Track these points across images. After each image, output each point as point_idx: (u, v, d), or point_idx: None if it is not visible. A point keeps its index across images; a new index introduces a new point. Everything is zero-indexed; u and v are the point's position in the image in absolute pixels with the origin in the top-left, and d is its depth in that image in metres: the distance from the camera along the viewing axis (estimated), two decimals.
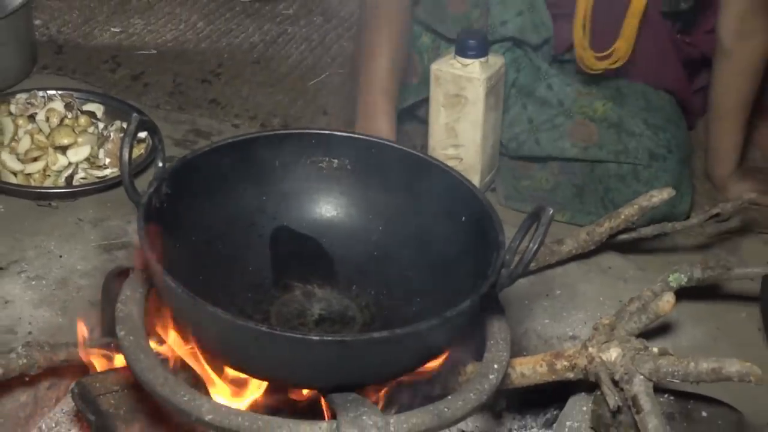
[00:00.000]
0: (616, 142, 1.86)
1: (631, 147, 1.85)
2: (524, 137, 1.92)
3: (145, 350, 1.20)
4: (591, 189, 1.88)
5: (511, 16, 1.89)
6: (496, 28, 1.90)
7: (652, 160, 1.84)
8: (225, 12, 2.72)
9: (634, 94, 1.94)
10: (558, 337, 1.60)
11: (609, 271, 1.74)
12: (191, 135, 2.10)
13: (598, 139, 1.87)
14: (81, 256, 1.66)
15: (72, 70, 2.32)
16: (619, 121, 1.87)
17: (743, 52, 1.92)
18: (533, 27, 1.91)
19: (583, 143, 1.87)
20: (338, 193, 1.47)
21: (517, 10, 1.89)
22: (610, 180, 1.86)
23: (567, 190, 1.91)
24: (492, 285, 1.21)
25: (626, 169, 1.85)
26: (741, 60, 1.93)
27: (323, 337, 1.15)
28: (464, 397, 1.18)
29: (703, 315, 1.67)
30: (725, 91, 1.97)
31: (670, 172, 1.84)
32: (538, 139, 1.91)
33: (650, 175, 1.84)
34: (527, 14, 1.89)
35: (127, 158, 1.26)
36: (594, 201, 1.89)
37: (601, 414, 1.35)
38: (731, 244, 1.90)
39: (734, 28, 1.89)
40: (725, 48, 1.92)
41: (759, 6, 1.87)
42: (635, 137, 1.85)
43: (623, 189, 1.85)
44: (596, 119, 1.88)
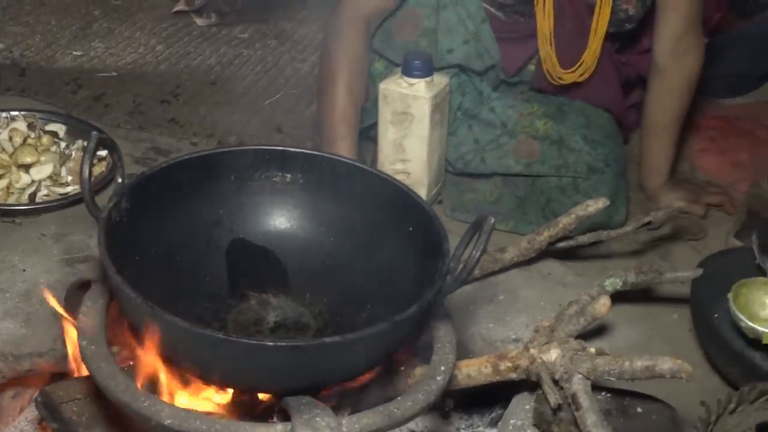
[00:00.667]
0: (557, 158, 1.87)
1: (570, 161, 1.87)
2: (471, 156, 1.93)
3: (106, 359, 1.18)
4: (533, 200, 1.90)
5: (457, 45, 1.91)
6: (442, 55, 1.91)
7: (591, 173, 1.86)
8: (183, 36, 2.71)
9: (574, 111, 1.96)
10: (502, 340, 1.60)
11: (549, 276, 1.75)
12: (151, 153, 2.09)
13: (540, 155, 1.88)
14: (44, 270, 1.64)
15: (35, 92, 2.29)
16: (560, 138, 1.89)
17: (677, 72, 1.94)
18: (478, 55, 1.92)
19: (526, 159, 1.89)
20: (291, 206, 1.46)
21: (463, 39, 1.90)
22: (552, 191, 1.88)
23: (510, 202, 1.92)
24: (438, 291, 1.22)
25: (566, 182, 1.87)
26: (675, 78, 1.95)
27: (277, 342, 1.14)
28: (413, 398, 1.18)
29: (637, 317, 1.68)
30: (659, 108, 2.00)
31: (608, 185, 1.86)
32: (483, 158, 1.92)
33: (589, 186, 1.86)
34: (473, 43, 1.91)
35: (87, 174, 1.25)
36: (535, 211, 1.90)
37: (543, 412, 1.36)
38: (663, 250, 1.92)
39: (669, 48, 1.92)
40: (660, 67, 1.95)
41: (692, 27, 1.90)
42: (575, 152, 1.87)
43: (564, 200, 1.86)
44: (538, 137, 1.89)
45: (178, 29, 2.74)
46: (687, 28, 1.90)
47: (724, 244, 1.89)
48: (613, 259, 1.87)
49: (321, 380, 1.17)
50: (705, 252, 1.85)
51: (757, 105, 2.51)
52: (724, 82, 2.53)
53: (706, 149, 2.28)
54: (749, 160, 2.25)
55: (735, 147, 2.30)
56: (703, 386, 1.55)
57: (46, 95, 2.28)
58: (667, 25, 1.90)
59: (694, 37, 1.92)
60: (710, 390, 1.54)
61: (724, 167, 2.22)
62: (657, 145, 2.03)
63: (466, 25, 1.89)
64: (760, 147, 2.30)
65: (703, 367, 1.60)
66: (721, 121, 2.41)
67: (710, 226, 2.00)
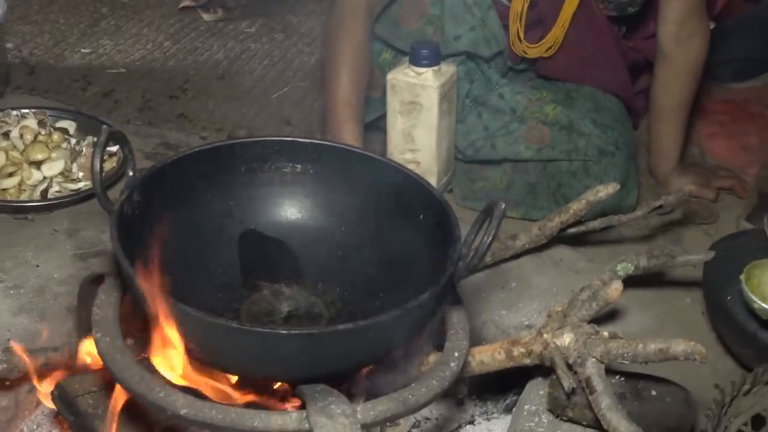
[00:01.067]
0: (567, 142, 1.87)
1: (581, 146, 1.86)
2: (481, 143, 1.93)
3: (121, 351, 1.19)
4: (543, 185, 1.89)
5: (464, 31, 1.90)
6: (449, 42, 1.90)
7: (602, 156, 1.86)
8: (190, 32, 2.71)
9: (583, 96, 1.95)
10: (514, 326, 1.60)
11: (560, 263, 1.75)
12: (161, 148, 2.09)
13: (551, 140, 1.88)
14: (57, 266, 1.64)
15: (44, 90, 2.29)
16: (569, 123, 1.88)
17: (682, 56, 1.93)
18: (485, 41, 1.91)
19: (536, 145, 1.88)
20: (302, 197, 1.47)
21: (470, 26, 1.90)
22: (562, 176, 1.87)
23: (520, 188, 1.92)
24: (450, 277, 1.22)
25: (577, 165, 1.86)
26: (680, 63, 1.94)
27: (291, 330, 1.14)
28: (427, 384, 1.19)
29: (649, 301, 1.68)
30: (666, 93, 1.99)
31: (618, 167, 1.86)
32: (494, 144, 1.91)
33: (600, 170, 1.85)
34: (479, 29, 1.90)
35: (98, 168, 1.25)
36: (546, 197, 1.89)
37: (557, 396, 1.36)
38: (674, 235, 1.91)
39: (673, 33, 1.91)
40: (665, 52, 1.94)
41: (696, 11, 1.89)
42: (585, 136, 1.87)
43: (575, 184, 1.86)
44: (548, 122, 1.89)
45: (185, 25, 2.74)
46: (690, 13, 1.89)
47: (736, 227, 1.88)
48: (624, 244, 1.86)
49: (335, 368, 1.18)
50: (716, 236, 1.84)
51: (766, 88, 2.50)
52: (732, 66, 2.52)
53: (715, 133, 2.27)
54: (758, 143, 2.24)
55: (744, 131, 2.29)
56: (717, 369, 1.55)
57: (56, 93, 2.28)
58: (671, 9, 1.89)
59: (698, 21, 1.91)
60: (724, 372, 1.53)
61: (734, 151, 2.21)
62: (665, 129, 2.02)
63: (472, 12, 1.89)
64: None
65: (717, 349, 1.59)
66: (730, 105, 2.40)
67: (721, 210, 1.99)
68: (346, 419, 1.10)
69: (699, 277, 1.67)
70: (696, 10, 1.89)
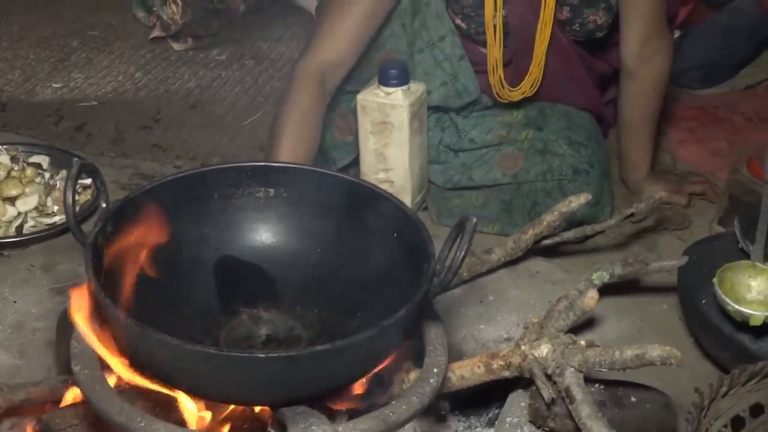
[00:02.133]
0: (541, 163, 1.89)
1: (555, 165, 1.88)
2: (458, 178, 1.96)
3: (101, 382, 1.18)
4: (518, 203, 1.90)
5: (435, 87, 1.92)
6: None
7: (576, 175, 1.87)
8: (161, 62, 2.71)
9: (556, 114, 1.98)
10: (494, 340, 1.61)
11: (537, 275, 1.76)
12: (136, 179, 2.09)
13: (524, 164, 1.89)
14: (35, 300, 1.64)
15: (17, 126, 2.29)
16: (543, 147, 1.90)
17: (647, 73, 1.95)
18: (456, 94, 1.94)
19: (511, 171, 1.90)
20: (276, 221, 1.47)
21: (441, 81, 1.92)
22: (537, 195, 1.88)
23: (495, 206, 1.93)
24: (425, 293, 1.22)
25: (552, 185, 1.87)
26: (645, 80, 1.96)
27: (269, 354, 1.14)
28: (408, 401, 1.19)
29: (626, 308, 1.69)
30: (633, 107, 2.01)
31: (593, 185, 1.87)
32: (471, 176, 1.94)
33: (575, 188, 1.86)
34: (450, 84, 1.93)
35: (71, 201, 1.26)
36: (521, 214, 1.90)
37: (538, 407, 1.36)
38: (648, 242, 1.93)
39: (636, 52, 1.93)
40: (629, 71, 1.96)
41: (657, 30, 1.91)
42: (559, 156, 1.88)
43: (549, 203, 1.86)
44: (523, 149, 1.91)
45: (155, 55, 2.75)
46: (651, 32, 1.91)
47: (709, 231, 1.90)
48: (599, 253, 1.87)
49: (315, 389, 1.18)
50: (690, 241, 1.86)
51: (732, 93, 2.53)
52: (698, 73, 2.55)
53: (685, 140, 2.30)
54: (728, 147, 2.26)
55: (713, 136, 2.31)
56: (695, 372, 1.56)
57: (28, 128, 2.28)
58: (631, 30, 1.91)
59: (659, 38, 1.93)
60: (702, 376, 1.55)
61: (705, 156, 2.24)
62: (634, 140, 2.04)
63: (443, 67, 1.92)
64: (737, 134, 2.32)
65: (694, 353, 1.60)
66: (699, 111, 2.43)
67: (694, 215, 2.01)
68: None
69: (674, 282, 1.68)
70: (657, 29, 1.91)
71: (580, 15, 1.90)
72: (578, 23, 1.91)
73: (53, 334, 1.48)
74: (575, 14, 1.89)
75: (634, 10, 1.88)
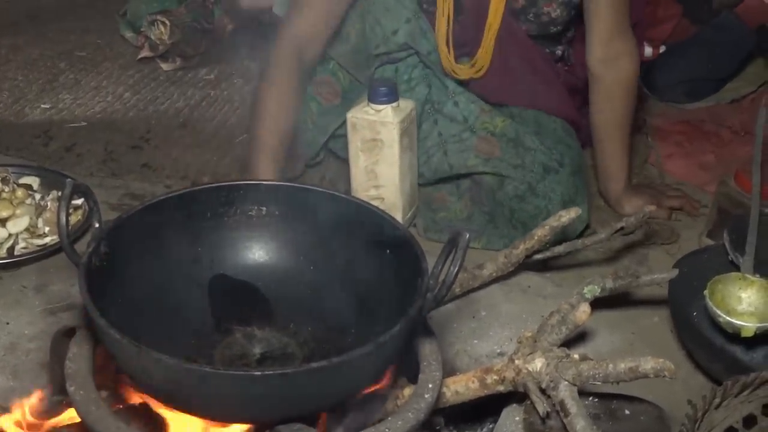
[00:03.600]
0: (515, 156, 1.89)
1: (527, 161, 1.88)
2: (434, 150, 1.96)
3: (96, 402, 1.19)
4: (499, 213, 1.91)
5: (401, 24, 1.94)
6: (389, 38, 1.94)
7: (546, 174, 1.87)
8: (150, 82, 2.72)
9: (526, 120, 1.99)
10: (487, 354, 1.61)
11: (528, 289, 1.77)
12: (126, 199, 2.09)
13: (500, 153, 1.90)
14: (27, 322, 1.63)
15: (6, 147, 2.29)
16: (516, 136, 1.90)
17: (611, 76, 1.96)
18: (421, 33, 1.95)
19: (485, 156, 1.91)
20: (269, 239, 1.48)
21: (405, 18, 1.94)
22: (512, 202, 1.89)
23: (480, 218, 1.94)
24: (419, 309, 1.23)
25: (523, 189, 1.88)
26: (610, 83, 1.97)
27: (265, 372, 1.14)
28: (403, 417, 1.19)
29: (618, 322, 1.70)
30: (601, 114, 2.01)
31: (564, 184, 1.87)
32: (446, 151, 1.94)
33: (545, 188, 1.86)
34: (414, 21, 1.94)
35: (64, 221, 1.26)
36: (504, 224, 1.91)
37: (533, 421, 1.37)
38: (638, 256, 1.93)
39: (600, 54, 1.94)
40: (594, 74, 1.97)
41: (619, 31, 1.92)
42: (530, 151, 1.89)
43: (525, 207, 1.87)
44: (497, 134, 1.91)
45: (144, 75, 2.75)
46: (614, 33, 1.92)
47: (698, 245, 1.91)
48: (590, 267, 1.88)
49: (310, 406, 1.18)
50: (679, 255, 1.86)
51: (718, 107, 2.55)
52: (684, 87, 2.58)
53: (673, 154, 2.31)
54: (715, 161, 2.28)
55: (701, 150, 2.33)
56: (688, 385, 1.57)
57: (18, 149, 2.28)
58: (594, 32, 1.93)
59: (623, 41, 1.94)
60: (695, 388, 1.55)
61: (692, 170, 2.25)
62: (607, 150, 2.04)
63: (404, 4, 1.93)
64: (724, 147, 2.34)
65: (687, 366, 1.61)
66: (686, 125, 2.45)
67: (682, 228, 2.02)
68: None
69: (665, 295, 1.69)
70: (619, 30, 1.92)
71: (534, 4, 1.92)
72: (533, 13, 1.93)
73: (47, 355, 1.47)
74: (530, 3, 1.92)
75: (596, 10, 1.90)
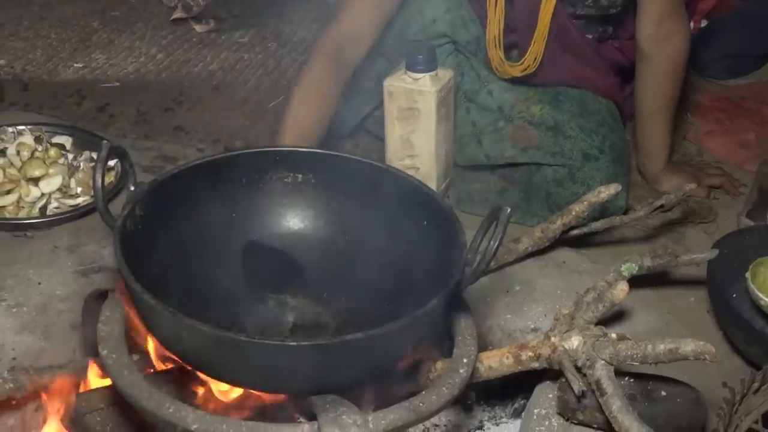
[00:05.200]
0: (553, 144, 1.86)
1: (566, 149, 1.85)
2: (467, 139, 1.93)
3: (129, 367, 1.17)
4: (534, 194, 1.89)
5: (440, 14, 1.91)
6: (427, 26, 1.91)
7: (585, 161, 1.84)
8: (183, 43, 2.70)
9: (570, 99, 1.94)
10: (520, 330, 1.60)
11: (564, 265, 1.75)
12: (158, 161, 2.08)
13: (538, 141, 1.87)
14: (59, 282, 1.63)
15: (39, 106, 2.28)
16: (555, 125, 1.87)
17: (662, 56, 1.92)
18: (462, 23, 1.92)
19: (522, 145, 1.88)
20: (304, 206, 1.46)
21: (446, 8, 1.91)
22: (549, 185, 1.86)
23: (514, 195, 1.91)
24: (457, 283, 1.21)
25: (562, 173, 1.85)
26: (660, 63, 1.93)
27: (300, 342, 1.13)
28: (437, 392, 1.18)
29: (653, 301, 1.68)
30: (648, 93, 1.98)
31: (604, 171, 1.84)
32: (480, 140, 1.91)
33: (584, 175, 1.84)
34: (455, 11, 1.91)
35: (100, 184, 1.25)
36: (539, 204, 1.89)
37: (567, 399, 1.35)
38: (675, 235, 1.91)
39: (652, 33, 1.90)
40: (645, 53, 1.93)
41: (673, 10, 1.88)
42: (570, 139, 1.86)
43: (562, 192, 1.85)
44: (534, 123, 1.88)
45: (177, 37, 2.73)
46: (666, 12, 1.88)
47: (737, 225, 1.88)
48: (626, 244, 1.86)
49: (344, 378, 1.17)
50: (717, 234, 1.84)
51: (760, 84, 2.51)
52: (725, 63, 2.53)
53: (712, 131, 2.27)
54: (756, 139, 2.24)
55: (741, 127, 2.29)
56: (724, 367, 1.55)
57: (51, 108, 2.28)
58: (647, 10, 1.88)
59: (675, 20, 1.90)
60: (731, 370, 1.53)
61: (732, 148, 2.22)
62: (651, 130, 2.01)
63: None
64: (766, 126, 2.30)
65: (723, 347, 1.59)
66: (726, 102, 2.40)
67: (721, 208, 1.99)
68: (358, 429, 1.09)
69: (701, 275, 1.67)
70: (673, 9, 1.88)
71: None
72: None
73: (78, 317, 1.47)
74: None
75: None
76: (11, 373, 1.34)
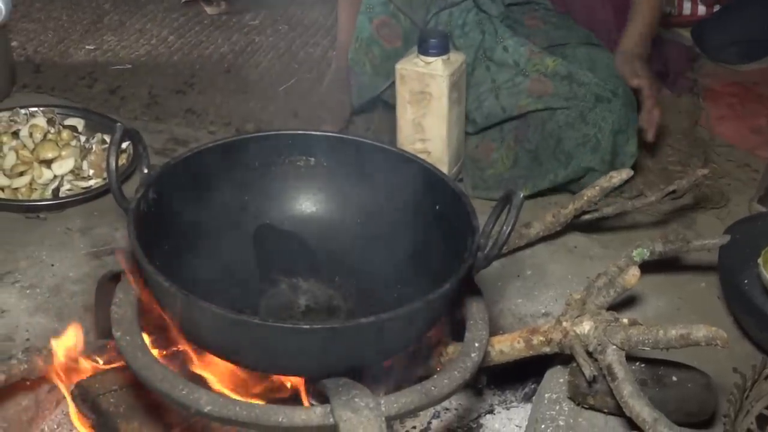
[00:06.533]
0: (568, 91, 1.88)
1: (580, 94, 1.86)
2: (486, 95, 1.95)
3: (142, 348, 1.18)
4: (543, 147, 1.89)
5: None
6: None
7: (598, 102, 1.85)
8: (194, 26, 2.70)
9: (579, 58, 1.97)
10: (531, 314, 1.60)
11: (575, 250, 1.75)
12: (170, 144, 2.08)
13: (554, 90, 1.89)
14: (72, 264, 1.63)
15: (51, 88, 2.28)
16: (569, 74, 1.89)
17: None
18: None
19: (539, 95, 1.90)
20: (316, 190, 1.46)
21: None
22: (560, 130, 1.87)
23: (525, 160, 1.92)
24: (469, 268, 1.21)
25: (573, 115, 1.86)
26: None
27: (313, 325, 1.13)
28: (449, 376, 1.18)
29: (664, 287, 1.67)
30: None
31: (616, 113, 1.84)
32: (498, 95, 1.93)
33: (596, 116, 1.84)
34: None
35: (114, 166, 1.25)
36: (548, 158, 1.89)
37: (578, 384, 1.35)
38: (687, 220, 1.90)
39: None
40: None
41: None
42: (584, 85, 1.87)
43: (572, 134, 1.85)
44: (549, 74, 1.90)
45: (188, 19, 2.73)
46: None
47: (748, 210, 1.88)
48: (637, 229, 1.85)
49: (357, 361, 1.17)
50: (728, 219, 1.84)
51: None
52: (738, 48, 2.52)
53: (724, 116, 2.27)
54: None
55: (753, 113, 2.28)
56: (734, 352, 1.54)
57: (62, 90, 2.27)
58: None
59: None
60: (742, 356, 1.53)
61: (744, 133, 2.21)
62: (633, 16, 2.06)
63: None
64: None
65: (734, 333, 1.58)
66: (738, 87, 2.39)
67: (732, 193, 1.98)
68: (370, 412, 1.09)
69: (712, 261, 1.66)
70: None
71: None
72: None
73: (91, 298, 1.48)
74: None
75: None
76: (25, 354, 1.34)
